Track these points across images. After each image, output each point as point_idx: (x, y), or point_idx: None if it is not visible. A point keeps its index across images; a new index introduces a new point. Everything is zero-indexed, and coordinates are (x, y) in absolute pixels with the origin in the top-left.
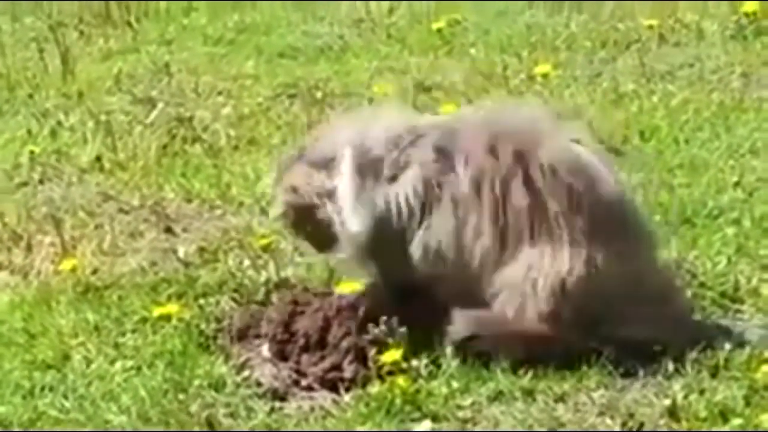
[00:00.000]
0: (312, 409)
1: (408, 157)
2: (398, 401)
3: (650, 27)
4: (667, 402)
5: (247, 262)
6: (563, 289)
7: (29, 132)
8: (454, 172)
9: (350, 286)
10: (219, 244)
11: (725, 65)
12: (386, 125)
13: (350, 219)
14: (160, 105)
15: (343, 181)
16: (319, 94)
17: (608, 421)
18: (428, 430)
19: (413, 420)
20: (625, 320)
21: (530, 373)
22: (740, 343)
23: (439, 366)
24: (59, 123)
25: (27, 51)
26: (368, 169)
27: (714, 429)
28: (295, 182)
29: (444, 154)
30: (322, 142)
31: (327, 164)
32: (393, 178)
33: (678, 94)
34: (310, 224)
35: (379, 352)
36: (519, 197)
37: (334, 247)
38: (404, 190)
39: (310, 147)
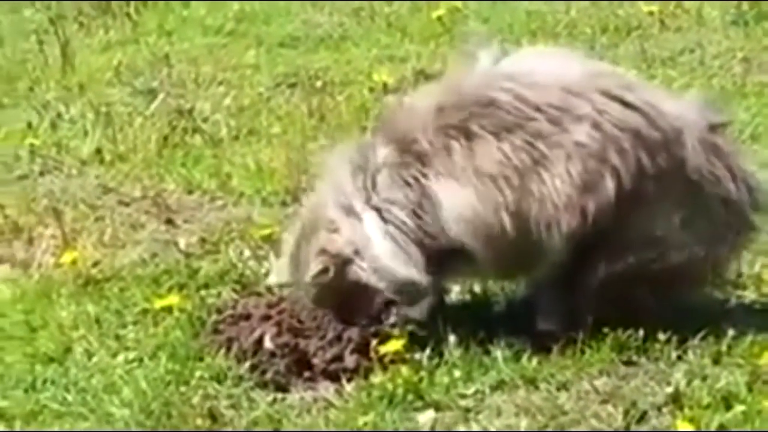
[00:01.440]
0: (314, 399)
1: (369, 170)
2: (400, 391)
3: (651, 13)
4: (670, 389)
5: (248, 253)
6: None
7: (29, 124)
8: (415, 148)
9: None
10: (220, 235)
11: (726, 51)
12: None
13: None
14: (161, 96)
15: (352, 238)
16: (319, 84)
17: (611, 408)
18: (431, 418)
19: (416, 409)
20: None
21: (533, 362)
22: (743, 330)
23: (441, 355)
24: (59, 115)
25: (27, 43)
26: (352, 211)
27: (717, 415)
28: (324, 246)
29: (399, 140)
30: (321, 205)
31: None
32: (369, 199)
33: (679, 80)
34: (341, 285)
35: (381, 342)
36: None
37: (359, 315)
38: (386, 199)
39: (315, 211)
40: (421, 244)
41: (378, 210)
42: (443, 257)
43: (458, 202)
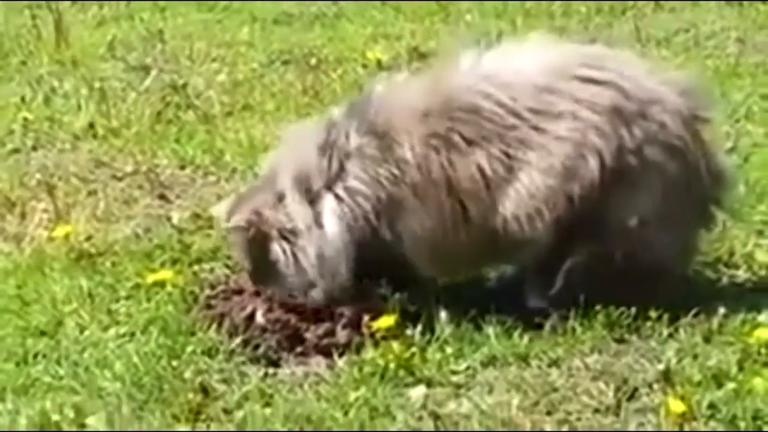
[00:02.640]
0: (306, 374)
1: (338, 153)
2: (392, 366)
3: None
4: (661, 367)
5: None
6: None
7: (22, 99)
8: (396, 150)
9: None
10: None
11: (721, 31)
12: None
13: (306, 256)
14: (154, 72)
15: (296, 216)
16: (313, 61)
17: (602, 385)
18: (422, 394)
19: (407, 385)
20: None
21: (524, 338)
22: (734, 308)
23: (433, 331)
24: (53, 90)
25: (20, 18)
26: (310, 191)
27: (707, 393)
28: (260, 209)
29: (380, 135)
30: (277, 169)
31: (283, 199)
32: (331, 183)
33: (673, 60)
34: (260, 251)
35: (373, 318)
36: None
37: (273, 283)
38: (348, 188)
39: (271, 173)
40: (366, 245)
41: (338, 197)
42: (384, 263)
43: (419, 225)
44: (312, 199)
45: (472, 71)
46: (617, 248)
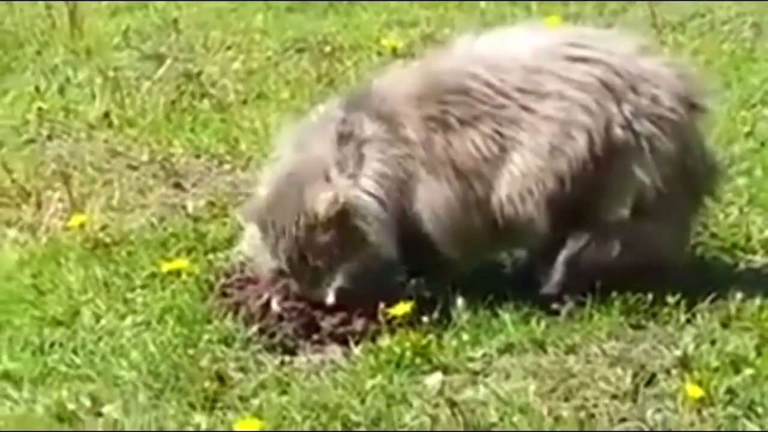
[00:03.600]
0: (322, 362)
1: (355, 142)
2: (408, 354)
3: None
4: (678, 353)
5: None
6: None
7: (37, 89)
8: (402, 133)
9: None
10: (228, 198)
11: (736, 15)
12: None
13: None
14: (169, 61)
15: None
16: (327, 48)
17: (619, 371)
18: (438, 381)
19: (423, 372)
20: None
21: (541, 325)
22: (751, 293)
23: (449, 318)
24: (67, 79)
25: (35, 8)
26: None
27: (725, 379)
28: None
29: (387, 120)
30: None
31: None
32: (356, 170)
33: (689, 45)
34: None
35: (390, 305)
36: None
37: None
38: (374, 170)
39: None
40: (399, 225)
41: (360, 182)
42: (408, 245)
43: (436, 199)
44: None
45: (462, 55)
46: (615, 232)
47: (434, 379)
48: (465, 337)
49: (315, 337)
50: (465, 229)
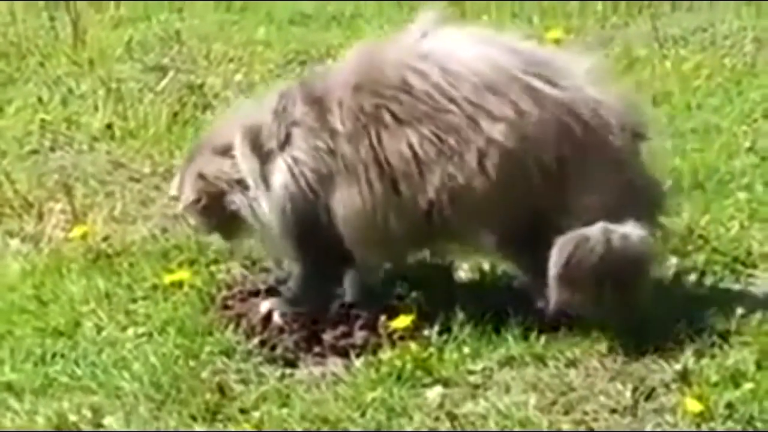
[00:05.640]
0: (323, 375)
1: (286, 120)
2: (409, 367)
3: None
4: (678, 367)
5: None
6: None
7: (40, 100)
8: (330, 121)
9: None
10: None
11: (738, 30)
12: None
13: (260, 206)
14: (171, 72)
15: (244, 168)
16: (330, 61)
17: (619, 386)
18: (439, 395)
19: (424, 385)
20: None
21: (541, 339)
22: (752, 308)
23: (450, 331)
24: (70, 91)
25: (38, 19)
26: (261, 148)
27: (725, 393)
28: (203, 170)
29: (318, 104)
30: (221, 129)
31: (228, 151)
32: (281, 148)
33: (690, 59)
34: (219, 212)
35: (390, 318)
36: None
37: (243, 234)
38: (295, 158)
39: (211, 134)
40: (307, 219)
41: (286, 163)
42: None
43: (352, 201)
44: (262, 157)
45: (410, 49)
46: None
47: (435, 392)
48: (466, 350)
49: (316, 349)
50: (379, 234)
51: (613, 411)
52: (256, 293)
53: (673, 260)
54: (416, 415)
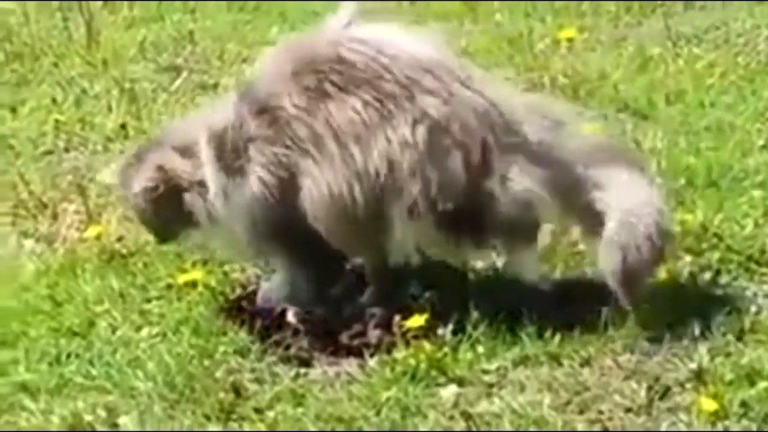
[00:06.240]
0: (337, 374)
1: (242, 137)
2: (423, 366)
3: None
4: (693, 365)
5: None
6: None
7: (54, 100)
8: (281, 120)
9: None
10: None
11: (752, 28)
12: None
13: (217, 212)
14: (185, 73)
15: (209, 173)
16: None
17: (634, 385)
18: (453, 394)
19: (438, 384)
20: None
21: (556, 337)
22: (767, 306)
23: (464, 330)
24: (84, 91)
25: (52, 20)
26: (225, 158)
27: (740, 392)
28: (163, 163)
29: (267, 111)
30: (184, 127)
31: (190, 151)
32: (244, 163)
33: (704, 58)
34: (172, 207)
35: (404, 317)
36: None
37: (185, 234)
38: (258, 175)
39: (173, 132)
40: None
41: (250, 179)
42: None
43: (318, 192)
44: (227, 168)
45: (339, 32)
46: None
47: (449, 392)
48: (480, 349)
49: (330, 349)
50: (348, 218)
51: (628, 410)
52: None
53: (687, 259)
54: (431, 414)
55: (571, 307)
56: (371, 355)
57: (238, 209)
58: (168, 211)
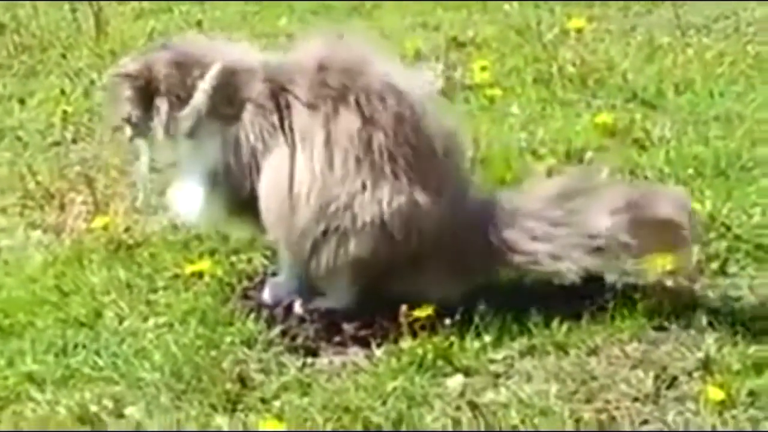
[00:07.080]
0: (344, 364)
1: (242, 95)
2: (430, 356)
3: None
4: (700, 355)
5: None
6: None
7: (62, 92)
8: (287, 103)
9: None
10: None
11: (761, 18)
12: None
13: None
14: None
15: (196, 100)
16: None
17: (641, 374)
18: (460, 383)
19: (445, 374)
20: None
21: (563, 327)
22: None
23: (471, 320)
24: (92, 82)
25: (60, 11)
26: (219, 103)
27: (747, 381)
28: (155, 64)
29: (275, 83)
30: (203, 45)
31: (191, 68)
32: (232, 117)
33: (713, 47)
34: (138, 103)
35: (411, 307)
36: (349, 123)
37: (141, 138)
38: (236, 135)
39: (189, 45)
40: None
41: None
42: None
43: (277, 174)
44: (216, 113)
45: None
46: None
47: (456, 381)
48: (487, 339)
49: (337, 339)
50: (289, 212)
51: (635, 399)
52: None
53: (696, 248)
54: (437, 404)
55: (578, 296)
56: (378, 345)
57: (204, 150)
58: (133, 105)
